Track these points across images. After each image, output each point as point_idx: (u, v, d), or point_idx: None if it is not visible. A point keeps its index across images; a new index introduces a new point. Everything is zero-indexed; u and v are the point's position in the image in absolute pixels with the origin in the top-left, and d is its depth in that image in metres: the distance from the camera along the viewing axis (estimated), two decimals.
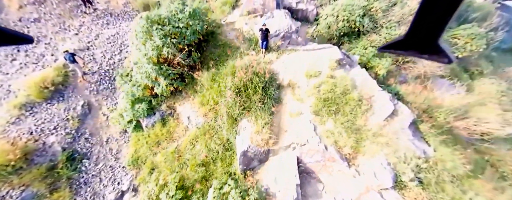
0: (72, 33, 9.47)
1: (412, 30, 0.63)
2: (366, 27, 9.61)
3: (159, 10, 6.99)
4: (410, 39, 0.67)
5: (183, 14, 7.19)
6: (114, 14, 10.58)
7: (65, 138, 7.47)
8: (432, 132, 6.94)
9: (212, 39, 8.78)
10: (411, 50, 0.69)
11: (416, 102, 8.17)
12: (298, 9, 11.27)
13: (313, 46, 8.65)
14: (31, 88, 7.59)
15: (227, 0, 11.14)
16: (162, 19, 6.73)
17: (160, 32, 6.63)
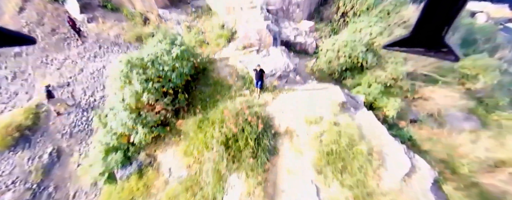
0: (54, 68, 8.86)
1: (417, 27, 0.63)
2: (370, 63, 8.96)
3: (142, 52, 6.34)
4: (415, 37, 0.66)
5: (169, 56, 6.54)
6: (103, 46, 10.12)
7: (24, 196, 6.31)
8: (459, 195, 5.77)
9: (203, 77, 8.08)
10: (417, 48, 0.69)
11: (434, 150, 7.11)
12: (297, 42, 10.84)
13: (312, 85, 7.89)
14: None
15: (223, 33, 10.78)
16: (143, 63, 6.03)
17: (141, 76, 5.89)
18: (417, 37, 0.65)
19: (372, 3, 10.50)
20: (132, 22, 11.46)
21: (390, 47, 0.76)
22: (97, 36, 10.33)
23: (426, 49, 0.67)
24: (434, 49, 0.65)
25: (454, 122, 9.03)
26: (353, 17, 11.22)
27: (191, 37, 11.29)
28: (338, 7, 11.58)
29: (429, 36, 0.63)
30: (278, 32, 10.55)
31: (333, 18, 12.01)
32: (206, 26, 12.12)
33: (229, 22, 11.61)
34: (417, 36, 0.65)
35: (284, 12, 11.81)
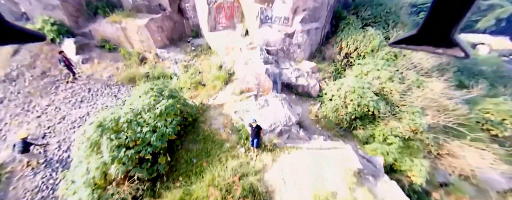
0: (34, 116, 8.10)
1: (425, 24, 0.62)
2: (383, 112, 7.92)
3: (117, 112, 5.47)
4: (423, 34, 0.65)
5: (152, 112, 5.67)
6: (93, 89, 9.55)
7: None
8: None
9: (192, 131, 7.10)
10: (425, 45, 0.68)
11: None
12: (299, 85, 10.10)
13: (319, 143, 6.75)
14: None
15: (220, 74, 10.21)
16: (117, 126, 5.13)
17: (113, 142, 4.91)
18: (424, 34, 0.64)
19: (377, 45, 9.99)
20: (129, 62, 11.15)
21: (396, 44, 0.76)
22: (88, 78, 9.86)
23: (434, 46, 0.66)
24: (443, 47, 0.64)
25: (495, 185, 7.47)
26: (357, 58, 10.65)
27: (187, 77, 10.78)
28: (340, 47, 11.14)
29: (437, 33, 0.62)
30: (278, 74, 9.89)
31: (336, 58, 11.48)
32: (204, 66, 11.71)
33: (227, 63, 11.19)
34: (425, 33, 0.64)
35: (284, 52, 11.40)
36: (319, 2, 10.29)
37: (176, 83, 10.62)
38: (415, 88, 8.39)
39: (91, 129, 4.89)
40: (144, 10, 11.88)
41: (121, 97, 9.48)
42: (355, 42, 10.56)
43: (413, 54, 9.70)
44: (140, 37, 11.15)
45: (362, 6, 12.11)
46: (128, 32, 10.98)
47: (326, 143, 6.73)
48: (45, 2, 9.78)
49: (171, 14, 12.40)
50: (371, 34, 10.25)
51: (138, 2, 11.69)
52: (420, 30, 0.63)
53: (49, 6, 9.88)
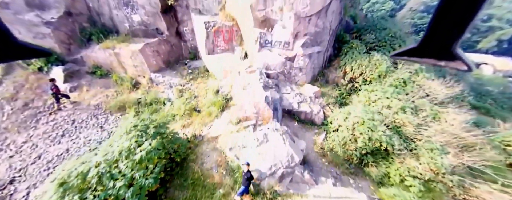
0: (7, 155, 7.26)
1: (427, 37, 0.63)
2: (396, 147, 6.99)
3: (88, 161, 4.63)
4: (424, 47, 0.66)
5: (129, 160, 4.81)
6: (78, 120, 8.80)
7: None
8: None
9: (178, 175, 6.16)
10: (426, 58, 0.68)
11: None
12: (301, 111, 9.32)
13: (328, 188, 5.74)
14: None
15: (216, 100, 9.51)
16: (87, 181, 4.25)
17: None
18: (426, 47, 0.65)
19: (384, 71, 9.37)
20: (120, 88, 10.57)
21: (397, 56, 0.76)
22: (74, 108, 9.17)
23: (436, 59, 0.66)
24: (445, 60, 0.64)
25: None
26: (363, 83, 9.99)
27: (181, 103, 10.06)
28: (344, 71, 10.56)
29: (439, 46, 0.62)
30: (278, 100, 9.16)
31: (340, 82, 10.85)
32: (200, 90, 11.08)
33: (225, 87, 10.56)
34: (426, 46, 0.64)
35: (285, 75, 10.82)
36: (321, 27, 9.93)
37: (169, 110, 9.89)
38: (430, 120, 7.54)
39: (51, 189, 4.01)
40: (141, 34, 11.63)
41: (108, 129, 8.68)
42: (360, 67, 9.99)
43: (423, 81, 9.03)
44: (134, 62, 10.70)
45: (365, 30, 11.80)
46: (121, 58, 10.55)
47: (336, 190, 5.72)
48: (36, 31, 9.49)
49: (168, 38, 12.12)
50: (377, 59, 9.70)
51: (134, 27, 11.47)
52: (422, 43, 0.64)
53: (39, 34, 9.58)
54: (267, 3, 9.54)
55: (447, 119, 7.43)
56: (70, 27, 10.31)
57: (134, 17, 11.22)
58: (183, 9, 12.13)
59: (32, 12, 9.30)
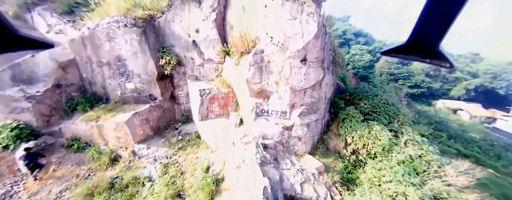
0: None
1: (413, 36, 0.67)
2: None
3: None
4: (411, 45, 0.70)
5: None
6: None
7: None
8: None
9: None
10: (413, 55, 0.73)
11: None
12: (305, 198, 8.05)
13: None
14: None
15: (205, 183, 8.11)
16: None
17: None
18: (412, 45, 0.70)
19: (387, 144, 8.84)
20: (96, 164, 9.17)
21: (387, 54, 0.81)
22: (29, 199, 7.44)
23: (421, 56, 0.72)
24: (429, 57, 0.70)
25: None
26: (368, 156, 9.25)
27: (163, 185, 8.56)
28: (346, 142, 9.97)
29: (423, 44, 0.67)
30: (278, 183, 7.96)
31: (342, 153, 10.08)
32: (188, 164, 9.82)
33: (216, 163, 9.41)
34: (413, 44, 0.70)
35: (283, 145, 10.02)
36: (316, 98, 9.94)
37: (146, 195, 8.27)
38: None
39: None
40: (132, 101, 11.18)
41: None
42: (361, 138, 9.49)
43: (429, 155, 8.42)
44: (117, 133, 9.75)
45: (357, 95, 12.06)
46: (104, 130, 9.63)
47: None
48: (13, 106, 8.78)
49: (161, 103, 11.73)
50: (377, 130, 9.35)
51: (126, 95, 11.14)
52: (409, 41, 0.70)
53: (17, 109, 8.82)
54: (262, 77, 9.73)
55: None
56: (56, 99, 9.75)
57: (128, 85, 11.03)
58: (180, 75, 12.31)
59: (16, 87, 8.82)
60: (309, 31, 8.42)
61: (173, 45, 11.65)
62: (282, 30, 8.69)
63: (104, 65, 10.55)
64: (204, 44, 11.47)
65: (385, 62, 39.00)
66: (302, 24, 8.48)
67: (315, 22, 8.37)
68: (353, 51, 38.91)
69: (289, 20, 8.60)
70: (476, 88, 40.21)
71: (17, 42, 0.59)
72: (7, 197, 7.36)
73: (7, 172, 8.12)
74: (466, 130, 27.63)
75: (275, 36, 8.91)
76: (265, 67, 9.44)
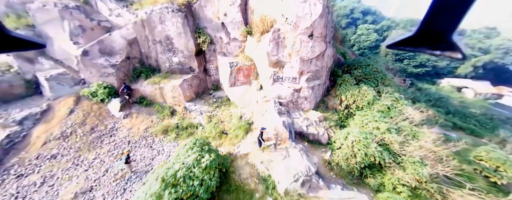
0: (82, 170, 9.23)
1: (423, 26, 0.60)
2: (387, 161, 9.13)
3: (175, 166, 6.80)
4: (420, 35, 0.64)
5: (199, 167, 6.96)
6: (132, 141, 10.97)
7: None
8: None
9: (225, 182, 8.15)
10: (422, 47, 0.67)
11: None
12: (309, 133, 11.63)
13: (338, 193, 7.73)
14: None
15: (241, 124, 11.89)
16: (176, 180, 6.35)
17: (172, 196, 6.01)
18: (422, 36, 0.64)
19: (371, 99, 12.05)
20: (161, 115, 12.98)
21: (393, 47, 0.74)
22: (128, 131, 11.41)
23: (431, 48, 0.65)
24: (440, 48, 0.64)
25: None
26: (356, 109, 12.56)
27: (211, 127, 12.37)
28: (341, 100, 13.24)
29: (435, 34, 0.61)
30: (291, 124, 11.52)
31: (338, 108, 13.42)
32: (225, 116, 13.52)
33: (246, 114, 13.04)
34: (422, 34, 0.63)
35: (293, 103, 13.42)
36: (320, 66, 12.98)
37: (202, 133, 12.12)
38: (411, 138, 9.87)
39: (156, 184, 6.10)
40: (177, 72, 14.61)
41: (156, 148, 10.79)
42: (352, 96, 12.71)
43: (403, 107, 11.64)
44: (173, 94, 13.39)
45: (353, 66, 14.95)
46: (164, 91, 13.26)
47: (344, 193, 7.69)
48: (103, 71, 12.39)
49: (198, 74, 15.10)
50: (365, 90, 12.50)
51: (173, 67, 14.53)
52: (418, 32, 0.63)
53: (105, 73, 12.45)
54: (279, 50, 12.73)
55: (423, 137, 9.75)
56: (127, 68, 13.28)
57: (174, 59, 14.35)
58: (211, 52, 15.43)
59: (103, 57, 12.32)
60: (316, 12, 11.13)
61: (206, 27, 14.58)
62: (295, 12, 11.41)
63: (157, 43, 13.78)
64: (230, 26, 14.32)
65: None
66: (311, 6, 11.15)
67: (320, 4, 11.03)
68: (360, 31, 39.85)
69: (301, 3, 11.27)
70: (485, 66, 40.00)
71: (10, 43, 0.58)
72: (114, 130, 11.32)
73: (107, 116, 11.99)
74: (467, 106, 29.24)
75: (289, 17, 11.68)
76: (281, 42, 12.39)
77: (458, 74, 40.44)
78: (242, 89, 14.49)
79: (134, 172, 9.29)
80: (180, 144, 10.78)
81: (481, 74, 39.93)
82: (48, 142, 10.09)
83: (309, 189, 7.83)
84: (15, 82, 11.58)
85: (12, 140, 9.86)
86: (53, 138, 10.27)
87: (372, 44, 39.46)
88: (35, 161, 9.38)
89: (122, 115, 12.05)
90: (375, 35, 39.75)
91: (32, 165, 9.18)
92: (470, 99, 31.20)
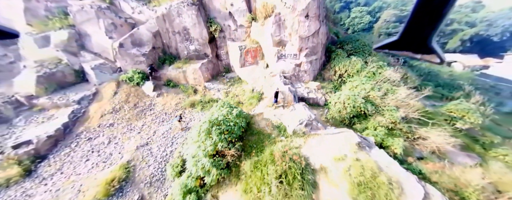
0: (135, 132, 12.02)
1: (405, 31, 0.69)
2: (370, 111, 11.75)
3: (215, 114, 9.51)
4: (403, 40, 0.73)
5: (232, 115, 9.66)
6: (168, 113, 13.70)
7: None
8: None
9: (249, 129, 10.87)
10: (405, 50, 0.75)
11: (441, 182, 8.63)
12: (310, 98, 14.25)
13: (331, 130, 10.43)
14: (99, 187, 8.95)
15: (254, 95, 14.52)
16: (218, 121, 9.07)
17: (218, 130, 8.75)
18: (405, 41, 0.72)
19: (360, 68, 14.53)
20: (186, 93, 15.64)
21: (380, 49, 0.85)
22: (163, 106, 14.13)
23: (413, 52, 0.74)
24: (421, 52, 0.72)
25: (457, 159, 10.69)
26: (348, 77, 15.08)
27: (229, 100, 15.01)
28: (335, 71, 15.74)
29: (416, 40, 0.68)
30: (295, 91, 14.13)
31: (332, 79, 15.95)
32: (239, 92, 16.14)
33: (257, 87, 15.64)
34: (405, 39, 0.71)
35: (295, 76, 15.96)
36: (316, 43, 15.38)
37: None
38: (390, 94, 12.44)
39: (206, 124, 8.82)
40: (194, 58, 17.11)
41: (188, 117, 13.53)
42: (344, 66, 15.20)
43: (385, 72, 14.11)
44: (194, 76, 15.97)
45: (345, 42, 17.31)
46: (186, 73, 15.85)
47: (336, 130, 10.37)
48: (136, 60, 14.95)
49: (212, 59, 17.61)
50: (355, 60, 14.95)
51: (190, 54, 17.02)
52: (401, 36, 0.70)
53: (137, 61, 15.01)
54: (280, 31, 15.11)
55: (399, 92, 12.32)
56: (154, 56, 15.81)
57: (191, 47, 16.81)
58: (221, 39, 17.83)
59: (135, 48, 14.85)
60: None
61: (216, 17, 16.90)
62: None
63: (176, 34, 16.21)
64: (237, 14, 16.61)
65: (383, 22, 41.69)
66: None
67: None
68: (353, 14, 41.50)
69: None
70: (471, 39, 41.88)
71: None
72: (152, 105, 14.03)
73: (144, 95, 14.68)
74: (455, 79, 31.78)
75: (287, 1, 13.96)
76: (282, 24, 14.75)
77: (447, 49, 42.24)
78: (251, 69, 17.02)
79: (183, 128, 12.13)
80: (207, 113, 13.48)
81: (468, 48, 41.66)
82: (104, 115, 12.85)
83: (310, 129, 10.53)
84: (66, 72, 14.22)
85: (76, 115, 12.63)
86: (107, 112, 13.02)
87: (366, 26, 41.22)
88: (98, 128, 12.18)
89: (155, 94, 14.72)
90: (368, 17, 41.40)
91: (97, 131, 11.99)
92: (459, 72, 33.42)
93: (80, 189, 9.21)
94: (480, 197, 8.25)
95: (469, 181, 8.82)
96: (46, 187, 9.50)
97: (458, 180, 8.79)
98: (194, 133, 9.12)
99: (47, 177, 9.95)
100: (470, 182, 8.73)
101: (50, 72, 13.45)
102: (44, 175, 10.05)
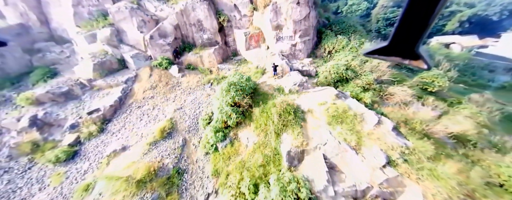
0: (171, 101, 16.01)
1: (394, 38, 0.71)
2: (351, 76, 15.07)
3: (232, 78, 13.25)
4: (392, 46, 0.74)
5: (243, 79, 13.37)
6: (192, 87, 17.59)
7: (174, 160, 11.88)
8: (410, 132, 10.42)
9: (255, 92, 14.54)
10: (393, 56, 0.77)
11: (395, 117, 12.02)
12: (303, 70, 17.61)
13: (319, 89, 13.90)
14: (155, 132, 13.02)
15: (258, 70, 18.07)
16: (234, 83, 12.80)
17: (234, 88, 12.49)
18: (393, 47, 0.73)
19: (345, 44, 17.68)
20: (203, 74, 19.44)
21: (369, 54, 0.86)
22: (187, 83, 18.04)
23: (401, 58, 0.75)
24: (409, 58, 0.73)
25: (421, 110, 13.93)
26: (335, 53, 18.28)
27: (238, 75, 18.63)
28: (325, 48, 18.94)
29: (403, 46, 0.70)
30: (291, 65, 17.57)
31: (323, 55, 19.18)
32: (245, 70, 19.73)
33: (260, 65, 19.15)
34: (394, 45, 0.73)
35: (292, 55, 19.30)
36: (307, 25, 18.53)
37: None
38: (368, 63, 15.63)
39: (225, 84, 12.58)
40: (207, 45, 20.75)
41: (207, 90, 17.37)
42: (332, 44, 18.37)
43: (365, 45, 17.19)
44: (209, 59, 19.68)
45: (333, 24, 20.34)
46: (202, 58, 19.59)
47: (321, 88, 13.83)
48: (163, 49, 18.79)
49: (221, 45, 21.19)
50: (340, 38, 18.08)
51: (204, 42, 20.66)
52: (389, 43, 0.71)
53: (164, 50, 18.86)
54: (277, 17, 18.35)
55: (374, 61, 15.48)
56: (176, 45, 19.60)
57: (204, 36, 20.41)
58: (228, 28, 21.29)
59: (161, 39, 18.66)
60: None
61: (223, 9, 20.31)
62: None
63: (192, 26, 19.84)
64: (241, 5, 19.92)
65: (380, 8, 42.69)
66: None
67: None
68: (351, 1, 43.01)
69: None
70: (470, 19, 42.57)
71: None
72: (179, 83, 17.96)
73: (171, 76, 18.58)
74: (452, 59, 33.53)
75: None
76: (278, 11, 17.99)
77: (446, 32, 43.03)
78: (255, 51, 20.49)
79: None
80: None
81: (467, 29, 42.11)
82: (145, 91, 16.91)
83: (302, 89, 14.06)
84: (113, 60, 18.28)
85: (125, 91, 16.75)
86: (147, 89, 17.07)
87: (363, 13, 42.65)
88: (143, 100, 16.27)
89: (180, 75, 18.59)
90: (366, 4, 42.74)
91: (143, 102, 16.07)
92: (456, 53, 34.94)
93: (142, 135, 13.34)
94: (423, 126, 11.59)
95: (418, 117, 12.16)
96: (117, 137, 13.73)
97: (409, 116, 12.14)
98: (218, 92, 12.90)
99: (116, 132, 14.18)
100: (418, 118, 12.07)
101: (101, 61, 17.55)
102: (113, 130, 14.29)
